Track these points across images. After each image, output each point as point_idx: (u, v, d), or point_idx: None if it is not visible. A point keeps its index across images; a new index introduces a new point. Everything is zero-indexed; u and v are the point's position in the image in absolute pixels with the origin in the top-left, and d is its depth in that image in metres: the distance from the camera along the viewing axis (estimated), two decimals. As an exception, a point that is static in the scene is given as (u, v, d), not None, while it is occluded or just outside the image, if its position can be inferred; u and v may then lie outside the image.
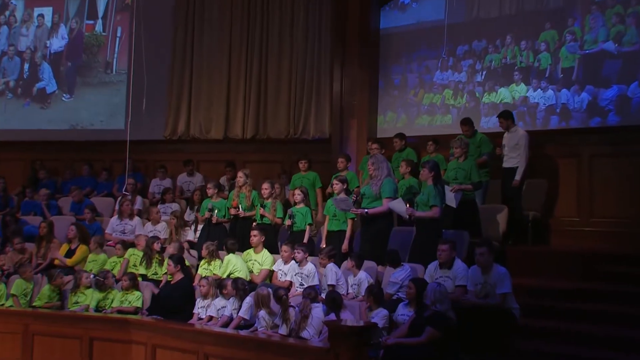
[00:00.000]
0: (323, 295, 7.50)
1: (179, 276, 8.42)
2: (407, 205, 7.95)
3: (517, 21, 10.56)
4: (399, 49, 11.74)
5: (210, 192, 9.75)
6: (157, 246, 9.14)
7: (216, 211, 9.52)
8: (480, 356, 6.58)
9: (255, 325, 7.45)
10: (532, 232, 9.31)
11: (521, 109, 10.23)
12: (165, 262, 8.86)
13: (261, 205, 9.27)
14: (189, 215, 10.61)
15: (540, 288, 7.92)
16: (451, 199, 8.34)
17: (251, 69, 12.73)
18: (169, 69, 13.16)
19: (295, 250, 8.07)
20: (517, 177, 9.19)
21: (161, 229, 10.08)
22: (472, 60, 10.97)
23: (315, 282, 7.83)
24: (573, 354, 6.78)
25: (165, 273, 8.78)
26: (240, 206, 9.39)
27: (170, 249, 9.06)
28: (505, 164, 9.41)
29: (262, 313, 7.38)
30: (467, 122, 9.75)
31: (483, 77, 10.81)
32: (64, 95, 14.11)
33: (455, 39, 11.13)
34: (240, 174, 9.65)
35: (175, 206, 10.95)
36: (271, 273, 8.57)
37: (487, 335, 6.64)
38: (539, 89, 10.17)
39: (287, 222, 8.96)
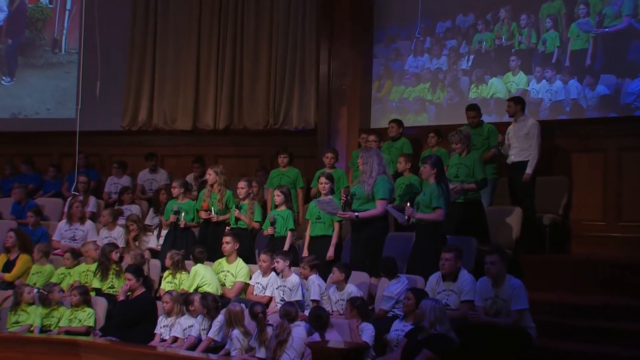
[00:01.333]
0: (307, 313, 7.47)
1: (139, 290, 8.40)
2: (408, 205, 7.92)
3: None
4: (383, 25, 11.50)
5: (175, 191, 9.76)
6: (115, 255, 9.09)
7: (183, 214, 9.49)
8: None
9: (227, 347, 7.41)
10: (549, 238, 9.33)
11: None
12: (123, 275, 8.82)
13: (236, 207, 9.24)
14: (151, 219, 10.61)
15: (560, 303, 7.93)
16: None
17: (224, 48, 12.78)
18: (127, 48, 13.19)
19: (275, 259, 8.04)
20: (529, 170, 9.20)
21: (118, 236, 10.05)
22: (456, 41, 10.63)
23: (299, 297, 7.81)
24: (598, 380, 6.82)
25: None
26: (212, 209, 9.34)
27: (128, 258, 8.98)
28: (514, 158, 9.40)
29: (236, 333, 7.34)
30: (474, 108, 9.70)
31: (470, 64, 10.52)
32: (4, 78, 14.09)
33: (434, 12, 10.75)
34: (209, 171, 9.65)
35: (135, 208, 10.95)
36: (246, 287, 8.56)
37: (499, 359, 6.61)
38: (544, 80, 9.84)
39: (269, 229, 8.95)
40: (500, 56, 10.20)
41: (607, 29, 9.50)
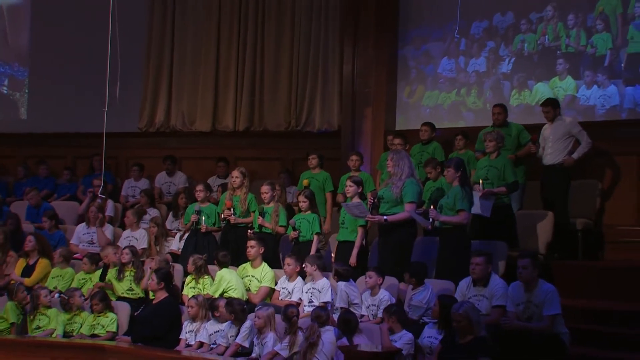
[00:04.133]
0: (335, 317, 7.71)
1: (162, 295, 8.62)
2: (432, 207, 8.22)
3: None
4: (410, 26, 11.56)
5: (201, 195, 10.01)
6: (127, 257, 9.35)
7: (204, 218, 9.75)
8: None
9: (258, 352, 7.70)
10: (582, 244, 9.51)
11: (568, 113, 9.82)
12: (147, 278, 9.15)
13: (260, 214, 9.51)
14: (170, 223, 10.83)
15: (593, 310, 8.11)
16: (484, 207, 8.53)
17: (244, 46, 12.97)
18: (144, 47, 13.39)
19: (304, 265, 8.35)
20: (575, 155, 9.32)
21: (140, 237, 10.30)
22: (494, 42, 10.54)
23: (328, 298, 8.07)
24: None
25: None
26: (233, 210, 9.62)
27: (153, 263, 9.25)
28: (548, 161, 9.57)
29: (272, 336, 7.62)
30: (500, 105, 9.82)
31: (510, 67, 10.46)
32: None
33: (468, 12, 10.60)
34: (236, 173, 9.83)
35: (154, 212, 11.14)
36: (272, 291, 8.82)
37: None
38: (595, 85, 9.74)
39: (292, 234, 9.22)
40: (545, 59, 10.10)
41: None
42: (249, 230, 9.58)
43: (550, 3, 10.16)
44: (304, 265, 8.38)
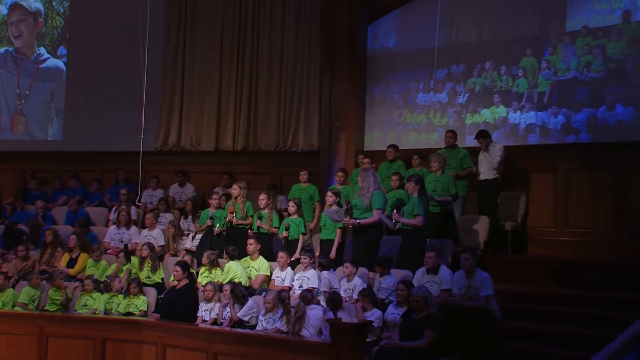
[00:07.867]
0: (320, 298, 8.41)
1: (184, 282, 9.23)
2: (395, 212, 8.93)
3: (496, 47, 11.56)
4: (380, 71, 12.60)
5: (216, 202, 10.62)
6: (145, 252, 9.97)
7: (217, 225, 10.33)
8: (463, 356, 7.42)
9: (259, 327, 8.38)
10: (511, 242, 10.19)
11: (505, 129, 11.26)
12: (160, 268, 9.87)
13: (258, 217, 10.14)
14: (183, 225, 11.43)
15: (519, 293, 8.77)
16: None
17: (242, 81, 13.39)
18: (160, 80, 13.77)
19: (302, 257, 9.03)
20: (482, 175, 10.23)
21: (157, 236, 10.84)
22: (452, 83, 11.91)
23: (315, 284, 8.73)
24: (549, 353, 7.59)
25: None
26: (235, 214, 10.25)
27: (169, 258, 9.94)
28: (482, 177, 10.31)
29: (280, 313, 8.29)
30: (451, 131, 10.84)
31: (465, 99, 11.77)
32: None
33: (436, 62, 11.81)
34: (235, 186, 10.46)
35: (169, 216, 11.66)
36: (267, 278, 9.47)
37: (470, 336, 7.49)
38: (518, 111, 11.22)
39: (284, 233, 9.88)
40: (487, 94, 11.54)
41: (560, 78, 10.96)
42: (249, 231, 10.17)
43: (488, 59, 11.63)
44: (302, 258, 8.99)
